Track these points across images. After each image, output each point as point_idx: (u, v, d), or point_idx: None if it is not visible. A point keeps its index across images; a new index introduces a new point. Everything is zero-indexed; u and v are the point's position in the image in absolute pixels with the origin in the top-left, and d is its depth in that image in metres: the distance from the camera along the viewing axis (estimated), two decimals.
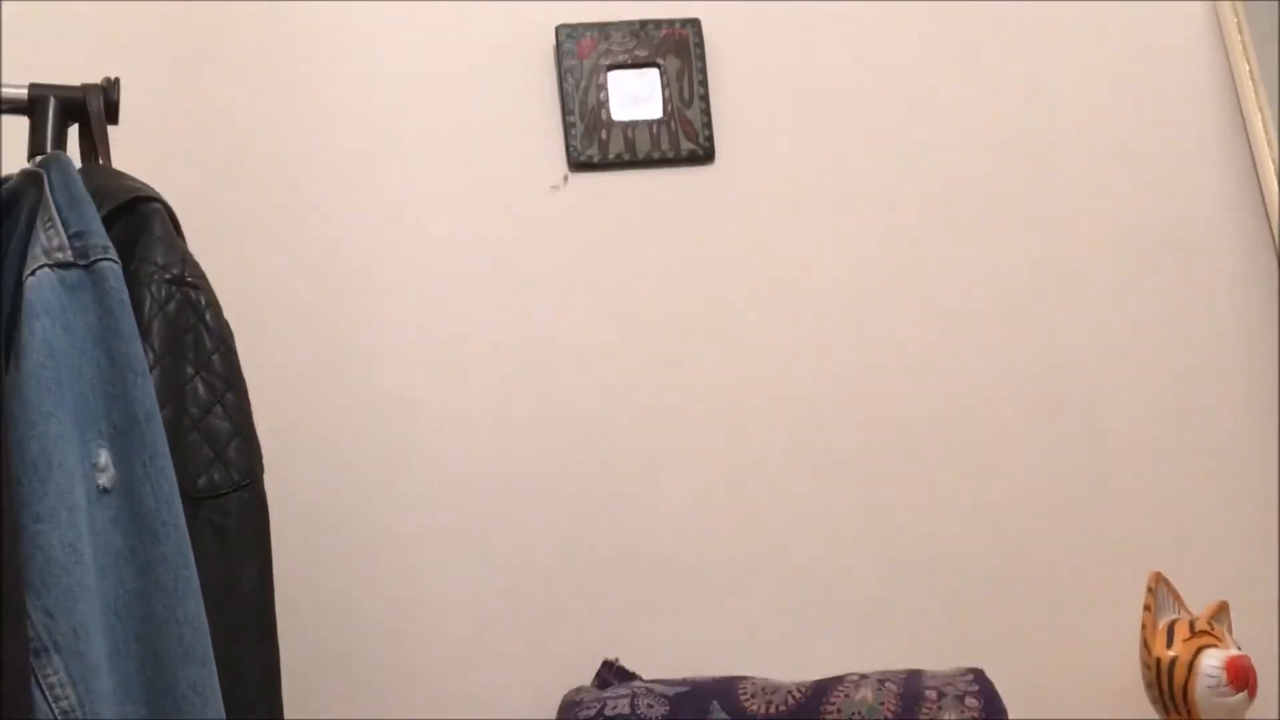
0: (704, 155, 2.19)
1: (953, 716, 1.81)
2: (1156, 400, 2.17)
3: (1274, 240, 2.20)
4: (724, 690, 1.83)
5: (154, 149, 1.88)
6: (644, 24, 2.21)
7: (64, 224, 1.54)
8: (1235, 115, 2.25)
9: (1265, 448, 2.16)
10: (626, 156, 2.18)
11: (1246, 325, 2.20)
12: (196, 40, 2.14)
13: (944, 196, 2.21)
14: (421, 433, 2.06)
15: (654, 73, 2.20)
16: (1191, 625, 1.94)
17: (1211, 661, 1.91)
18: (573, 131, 2.18)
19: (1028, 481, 2.13)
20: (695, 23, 2.22)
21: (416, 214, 2.14)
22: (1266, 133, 2.22)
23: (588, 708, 1.83)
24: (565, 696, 1.89)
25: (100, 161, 1.74)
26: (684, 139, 2.19)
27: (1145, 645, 1.95)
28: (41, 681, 1.33)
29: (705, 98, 2.20)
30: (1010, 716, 1.83)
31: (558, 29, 2.20)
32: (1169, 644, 1.94)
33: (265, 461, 1.65)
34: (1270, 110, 2.24)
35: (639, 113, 2.19)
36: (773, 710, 1.81)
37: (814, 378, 2.13)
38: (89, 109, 1.76)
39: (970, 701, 1.83)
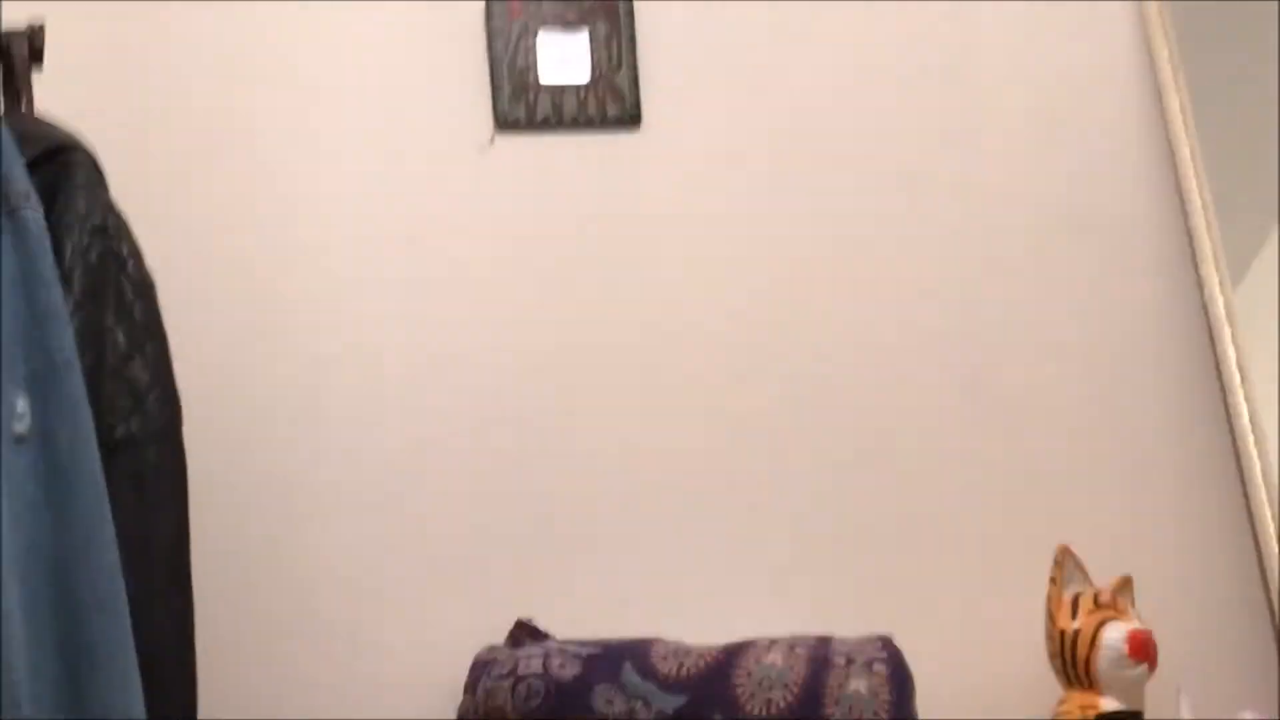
0: (630, 120, 2.19)
1: (860, 683, 1.82)
2: (1070, 378, 2.19)
3: (1186, 225, 2.22)
4: (636, 651, 1.84)
5: (77, 96, 1.85)
6: None
7: None
8: (1154, 100, 2.27)
9: (1175, 427, 2.19)
10: (553, 119, 2.17)
11: (1157, 308, 2.22)
12: None
13: (868, 167, 2.22)
14: (339, 387, 2.06)
15: (583, 37, 2.19)
16: (1096, 598, 1.97)
17: (1114, 634, 1.93)
18: (500, 94, 2.17)
19: (942, 453, 2.15)
20: None
21: (341, 170, 2.13)
22: (1184, 119, 2.24)
23: (500, 665, 1.83)
24: (478, 655, 1.89)
25: (23, 108, 1.72)
26: (611, 103, 2.18)
27: (1050, 617, 1.98)
28: None
29: (633, 64, 2.20)
30: (917, 684, 1.85)
31: None
32: (1073, 616, 1.96)
33: (184, 413, 1.65)
34: (1187, 93, 2.25)
35: (567, 76, 2.18)
36: (684, 672, 1.82)
37: (732, 344, 2.15)
38: (13, 54, 1.74)
39: (878, 668, 1.84)
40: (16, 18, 1.76)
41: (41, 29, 1.77)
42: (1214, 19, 2.29)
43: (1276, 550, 2.04)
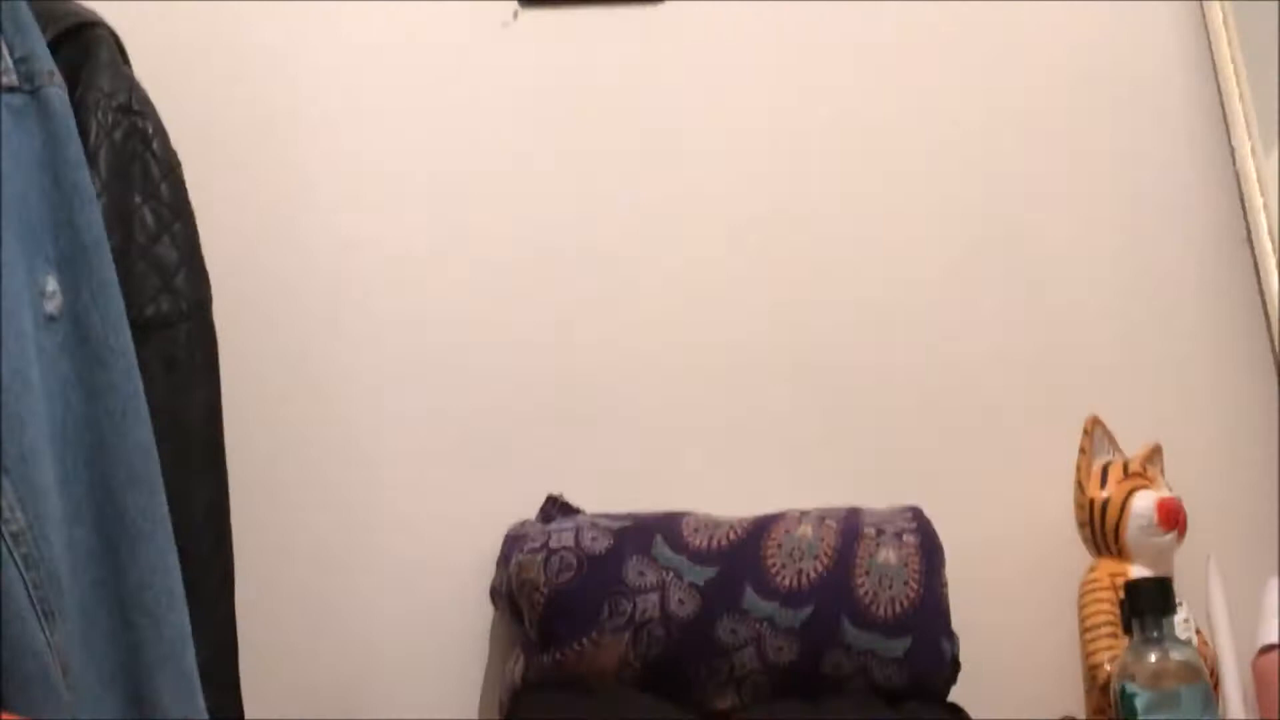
0: None
1: (890, 553, 1.84)
2: (1100, 247, 2.18)
3: (1218, 90, 2.20)
4: (667, 525, 1.85)
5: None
6: None
7: (8, 48, 1.52)
8: None
9: (1206, 296, 2.18)
10: None
11: (1190, 174, 2.21)
12: None
13: (898, 42, 2.21)
14: (369, 268, 2.07)
15: None
16: (1125, 467, 1.97)
17: (1143, 503, 1.94)
18: None
19: (969, 322, 2.14)
20: None
21: (367, 46, 2.13)
22: None
23: (533, 540, 1.84)
24: (510, 530, 1.91)
25: None
26: None
27: (1079, 486, 1.98)
28: None
29: None
30: (947, 553, 1.86)
31: None
32: (1103, 485, 1.97)
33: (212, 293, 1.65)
34: None
35: None
36: (714, 544, 1.83)
37: (756, 219, 2.14)
38: None
39: (908, 539, 1.85)
40: None
41: None
42: None
43: None
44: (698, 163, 2.15)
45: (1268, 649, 1.86)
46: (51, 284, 1.45)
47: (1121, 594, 1.76)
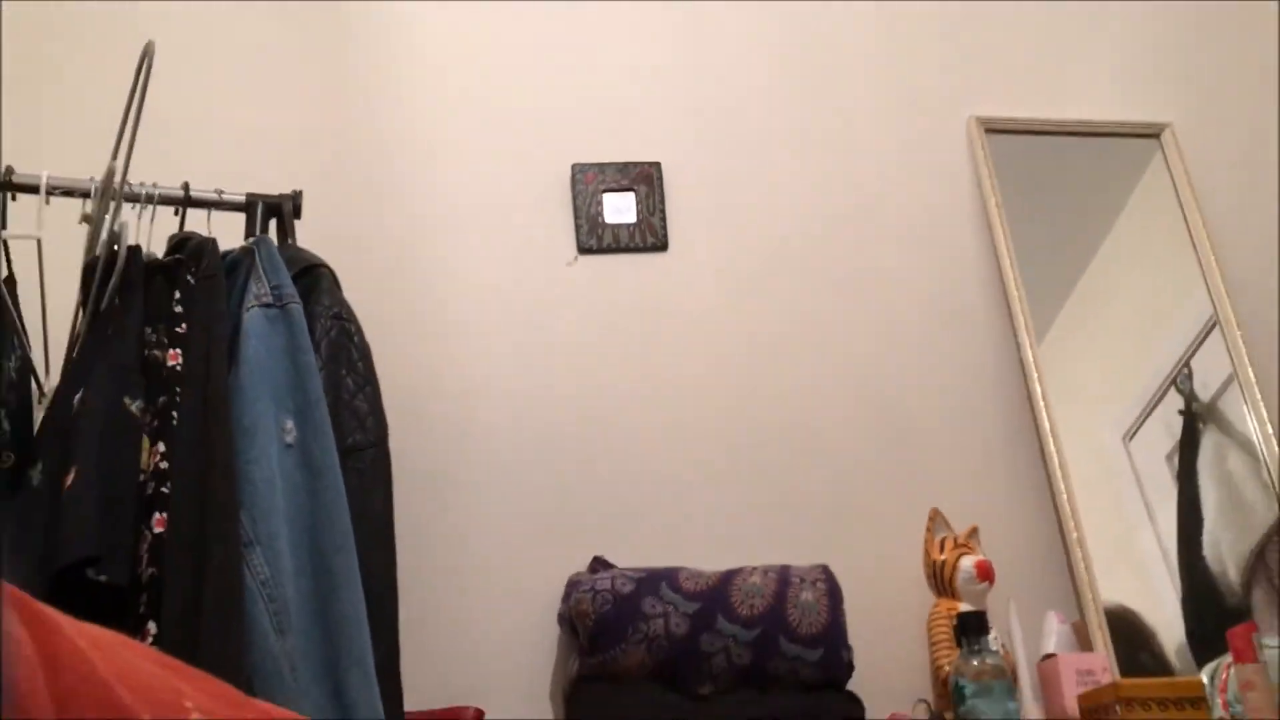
0: (661, 246, 2.19)
1: (809, 594, 1.82)
2: (933, 409, 2.15)
3: (1006, 304, 2.20)
4: (669, 575, 1.84)
5: (319, 233, 1.86)
6: (625, 164, 2.21)
7: (267, 279, 1.54)
8: (985, 226, 2.25)
9: (1003, 437, 2.15)
10: (613, 245, 2.18)
11: (989, 365, 2.19)
12: (353, 159, 2.14)
13: (815, 276, 2.21)
14: (477, 404, 2.05)
15: (631, 195, 2.20)
16: (955, 541, 1.96)
17: (967, 563, 1.92)
18: (580, 229, 2.18)
19: (862, 458, 2.11)
20: (658, 164, 2.22)
21: (483, 277, 2.13)
22: (1006, 240, 2.23)
23: (584, 584, 1.83)
24: (571, 577, 1.89)
25: (290, 241, 1.74)
26: (649, 235, 2.19)
27: (927, 552, 1.97)
28: (249, 563, 1.33)
29: (663, 211, 2.20)
30: (845, 595, 1.84)
31: (573, 166, 2.20)
32: (941, 551, 1.95)
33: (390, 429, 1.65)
34: (1006, 218, 2.24)
35: (621, 218, 2.19)
36: (699, 587, 1.81)
37: (726, 385, 2.13)
38: (283, 209, 1.76)
39: (820, 585, 1.84)
40: (285, 185, 1.78)
41: (300, 194, 1.79)
42: (1026, 161, 2.30)
43: (1068, 512, 2.03)
44: (689, 350, 2.14)
45: (1047, 658, 1.84)
46: (290, 425, 1.46)
47: (954, 622, 1.74)
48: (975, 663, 1.64)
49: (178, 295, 1.52)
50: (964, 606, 1.86)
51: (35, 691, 0.56)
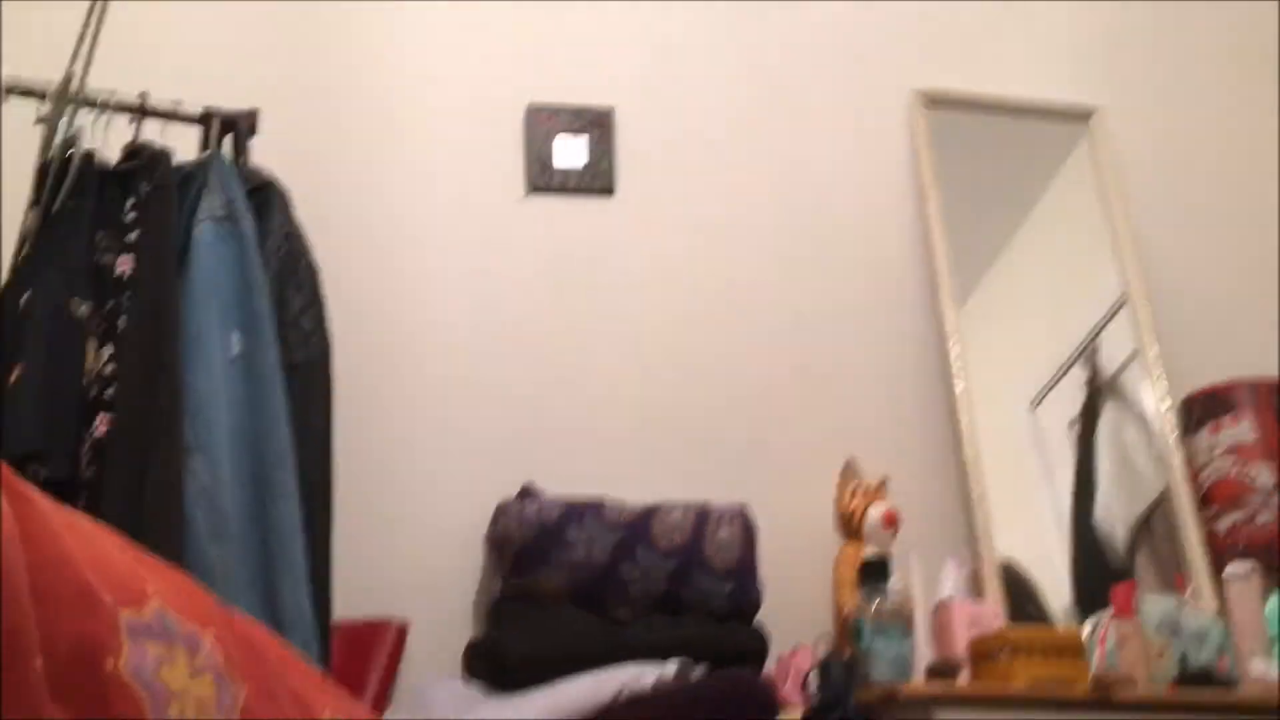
0: (608, 190, 2.18)
1: (725, 531, 1.85)
2: (855, 362, 2.18)
3: (931, 268, 2.23)
4: (594, 506, 1.86)
5: (274, 152, 1.83)
6: (579, 109, 2.20)
7: (222, 194, 1.53)
8: (918, 197, 2.28)
9: (917, 395, 2.18)
10: (562, 186, 2.17)
11: (911, 334, 2.22)
12: (311, 83, 2.11)
13: (747, 228, 2.21)
14: (426, 341, 2.05)
15: (583, 139, 2.19)
16: (865, 490, 2.00)
17: (875, 512, 1.97)
18: (531, 169, 2.17)
19: (782, 401, 2.14)
20: (610, 109, 2.21)
21: (438, 209, 2.12)
22: (936, 207, 2.25)
23: (512, 511, 1.85)
24: (499, 503, 1.90)
25: (244, 158, 1.72)
26: (596, 179, 2.18)
27: (838, 500, 2.01)
28: (189, 469, 1.33)
29: (611, 157, 2.19)
30: (760, 534, 1.88)
31: (527, 107, 2.19)
32: (852, 499, 1.99)
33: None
34: (938, 189, 2.26)
35: (572, 161, 2.18)
36: (623, 519, 1.84)
37: (657, 326, 2.14)
38: (239, 126, 1.74)
39: (736, 523, 1.87)
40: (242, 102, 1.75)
41: (257, 112, 1.76)
42: (959, 136, 2.32)
43: (973, 470, 2.08)
44: (630, 282, 2.14)
45: (943, 604, 1.90)
46: (236, 337, 1.45)
47: (859, 566, 1.79)
48: (875, 605, 1.70)
49: (130, 203, 1.50)
50: (870, 551, 1.91)
51: (13, 562, 0.58)
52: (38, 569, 0.59)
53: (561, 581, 1.79)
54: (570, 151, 2.17)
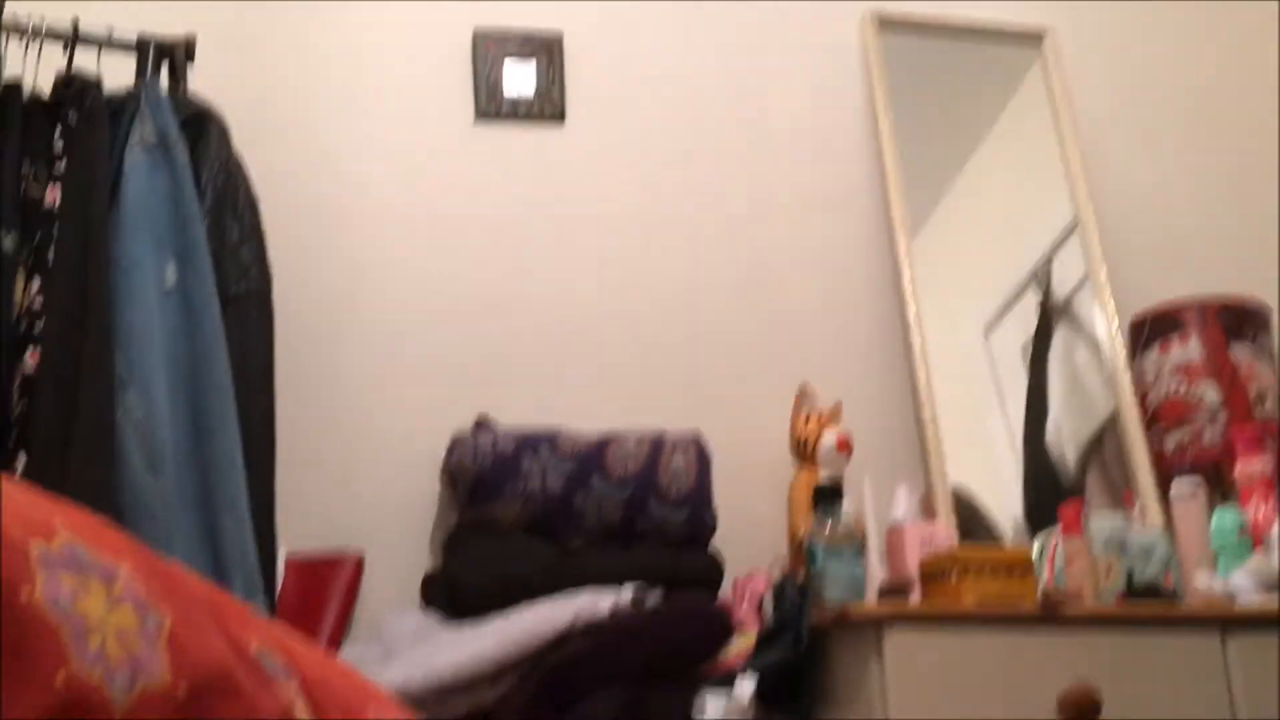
0: (558, 117, 2.12)
1: (680, 459, 1.82)
2: (812, 296, 2.14)
3: (885, 198, 2.18)
4: (548, 436, 1.82)
5: (211, 81, 1.75)
6: (529, 35, 2.13)
7: (154, 122, 1.46)
8: (872, 122, 2.23)
9: (873, 321, 2.15)
10: (511, 113, 2.10)
11: (864, 260, 2.19)
12: (252, 9, 2.02)
13: (699, 153, 2.16)
14: (371, 265, 1.99)
15: (533, 63, 2.12)
16: (820, 416, 1.97)
17: (829, 438, 1.94)
18: (479, 96, 2.10)
19: (735, 327, 2.10)
20: (560, 34, 2.14)
21: (375, 135, 2.04)
22: (890, 135, 2.20)
23: (467, 442, 1.80)
24: (454, 435, 1.86)
25: (181, 87, 1.65)
26: (546, 106, 2.12)
27: (793, 425, 1.98)
28: (123, 402, 1.28)
29: (562, 83, 2.13)
30: (714, 462, 1.85)
31: (475, 31, 2.11)
32: (806, 424, 1.97)
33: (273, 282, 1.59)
34: (892, 120, 2.22)
35: (522, 89, 2.11)
36: (576, 449, 1.80)
37: (609, 256, 2.09)
38: (175, 54, 1.66)
39: (691, 451, 1.84)
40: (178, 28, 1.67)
41: (194, 39, 1.68)
42: (912, 62, 2.27)
43: (925, 394, 2.06)
44: (577, 205, 2.09)
45: (895, 526, 1.88)
46: (170, 269, 1.39)
47: (813, 490, 1.77)
48: (828, 528, 1.67)
49: (59, 132, 1.42)
50: (824, 476, 1.89)
51: None
52: None
53: (516, 512, 1.76)
54: (519, 78, 2.10)
